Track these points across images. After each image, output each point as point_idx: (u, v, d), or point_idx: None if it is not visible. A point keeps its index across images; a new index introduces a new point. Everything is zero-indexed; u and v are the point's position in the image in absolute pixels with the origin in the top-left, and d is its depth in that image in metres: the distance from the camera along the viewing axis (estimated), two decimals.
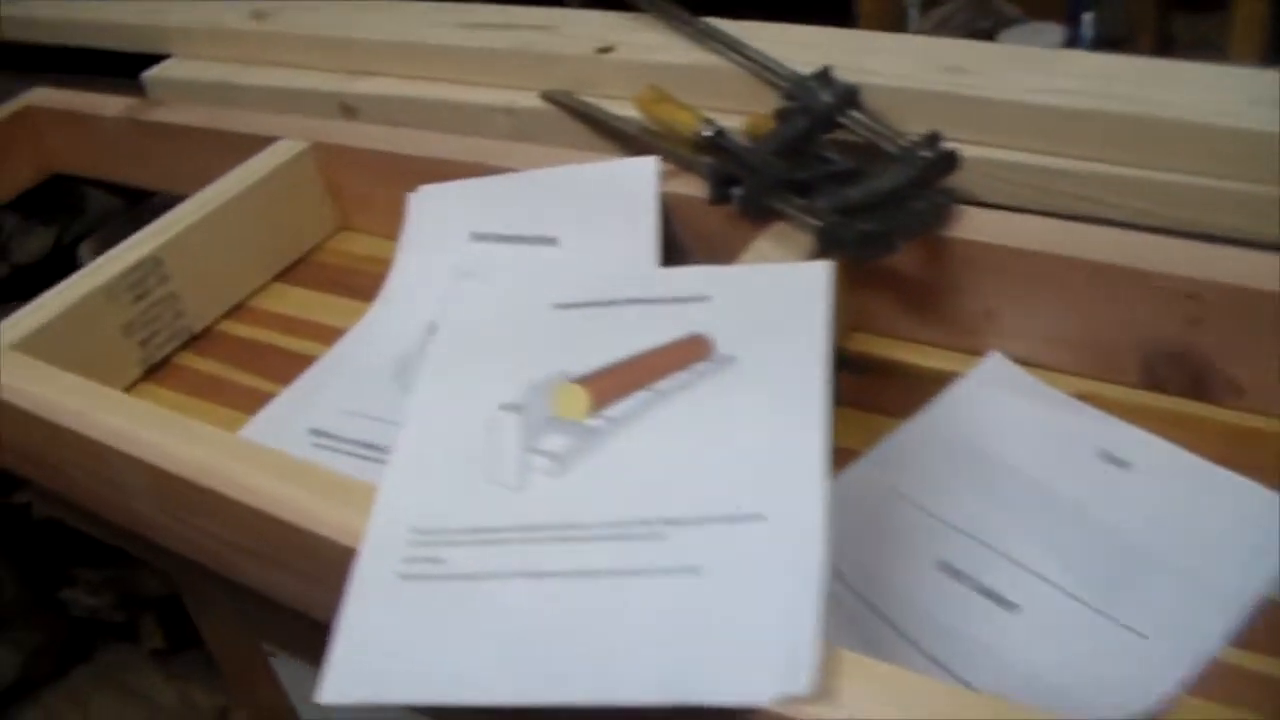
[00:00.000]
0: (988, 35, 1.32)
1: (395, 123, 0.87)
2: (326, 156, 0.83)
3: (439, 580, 0.46)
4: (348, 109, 0.91)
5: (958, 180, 0.66)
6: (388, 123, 0.88)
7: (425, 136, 0.81)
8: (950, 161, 0.66)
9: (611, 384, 0.53)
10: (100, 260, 0.75)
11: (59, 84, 1.06)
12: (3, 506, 1.32)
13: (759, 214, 0.66)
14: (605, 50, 0.80)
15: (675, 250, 0.70)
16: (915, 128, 0.67)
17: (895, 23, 1.39)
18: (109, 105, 0.97)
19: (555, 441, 0.51)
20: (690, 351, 0.54)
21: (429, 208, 0.76)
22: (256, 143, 0.85)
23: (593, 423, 0.51)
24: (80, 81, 1.06)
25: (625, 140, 0.78)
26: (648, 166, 0.69)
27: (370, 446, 0.64)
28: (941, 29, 1.33)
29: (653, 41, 0.81)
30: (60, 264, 1.51)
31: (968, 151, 0.66)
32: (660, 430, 0.50)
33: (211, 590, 0.76)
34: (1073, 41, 1.30)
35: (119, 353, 0.73)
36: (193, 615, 0.83)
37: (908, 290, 0.66)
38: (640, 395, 0.52)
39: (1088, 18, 1.30)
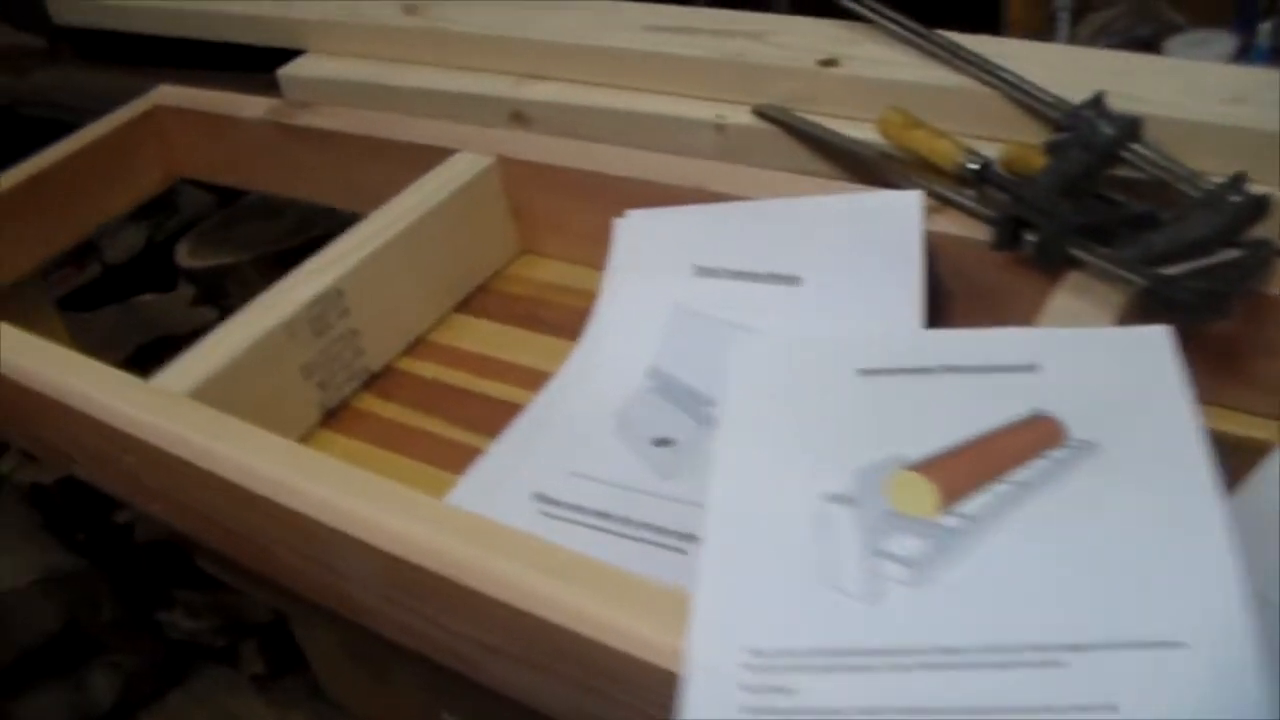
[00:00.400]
0: (1148, 43, 1.23)
1: (574, 133, 0.79)
2: (509, 172, 0.75)
3: (796, 716, 0.39)
4: (520, 117, 0.83)
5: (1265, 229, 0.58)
6: (565, 133, 0.79)
7: (624, 153, 0.72)
8: (1260, 207, 0.58)
9: (958, 474, 0.45)
10: (272, 292, 0.67)
11: (178, 80, 0.98)
12: (104, 526, 1.25)
13: (1054, 263, 0.58)
14: (829, 63, 0.72)
15: (934, 296, 0.62)
16: (1196, 164, 0.59)
17: (1045, 29, 1.30)
18: (247, 106, 0.89)
19: (904, 543, 0.43)
20: (1041, 435, 0.46)
21: (640, 235, 0.68)
22: (424, 154, 0.77)
23: (946, 521, 0.43)
24: (201, 78, 0.98)
25: (853, 165, 0.70)
26: (912, 202, 0.61)
27: (604, 516, 0.57)
28: (1100, 37, 1.24)
29: (880, 55, 0.72)
30: (154, 263, 1.43)
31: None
32: (1031, 533, 0.42)
33: (383, 652, 0.69)
34: (1245, 52, 1.21)
35: (297, 397, 0.66)
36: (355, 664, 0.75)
37: (1215, 350, 0.58)
38: (994, 488, 0.44)
39: (1265, 26, 1.20)
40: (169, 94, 0.95)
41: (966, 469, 0.45)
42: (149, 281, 1.38)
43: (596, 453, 0.60)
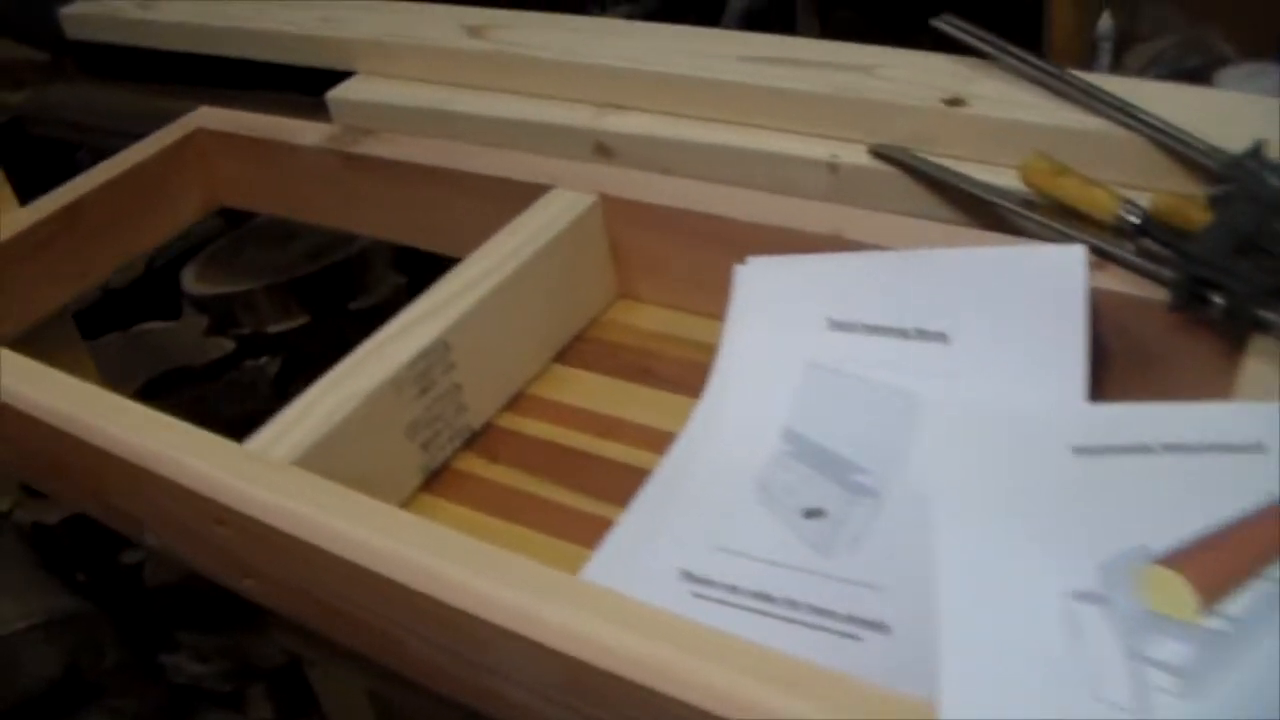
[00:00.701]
0: (1197, 75, 1.21)
1: (665, 169, 0.75)
2: (610, 211, 0.70)
3: None
4: (604, 150, 0.78)
5: None
6: (654, 168, 0.75)
7: (739, 194, 0.68)
8: None
9: (1215, 569, 0.41)
10: (368, 347, 0.61)
11: (197, 99, 0.93)
12: (110, 567, 1.18)
13: (1242, 327, 0.54)
14: (955, 102, 0.68)
15: (1093, 356, 0.58)
16: None
17: (1086, 59, 1.28)
18: (299, 132, 0.84)
19: (1169, 648, 0.39)
20: None
21: (766, 284, 0.64)
22: (510, 189, 0.72)
23: (1210, 623, 0.39)
24: (226, 98, 0.93)
25: (979, 211, 0.66)
26: (1076, 257, 0.57)
27: (765, 598, 0.52)
28: (1150, 68, 1.22)
29: (1006, 94, 0.68)
30: (157, 288, 1.36)
31: None
32: None
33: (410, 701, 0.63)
34: None
35: (400, 460, 0.61)
36: None
37: None
38: (1254, 585, 0.40)
39: None
40: (210, 117, 0.89)
41: (1222, 564, 0.41)
42: (151, 308, 1.31)
43: (741, 525, 0.56)
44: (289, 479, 0.53)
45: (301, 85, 0.93)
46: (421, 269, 1.32)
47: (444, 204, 0.76)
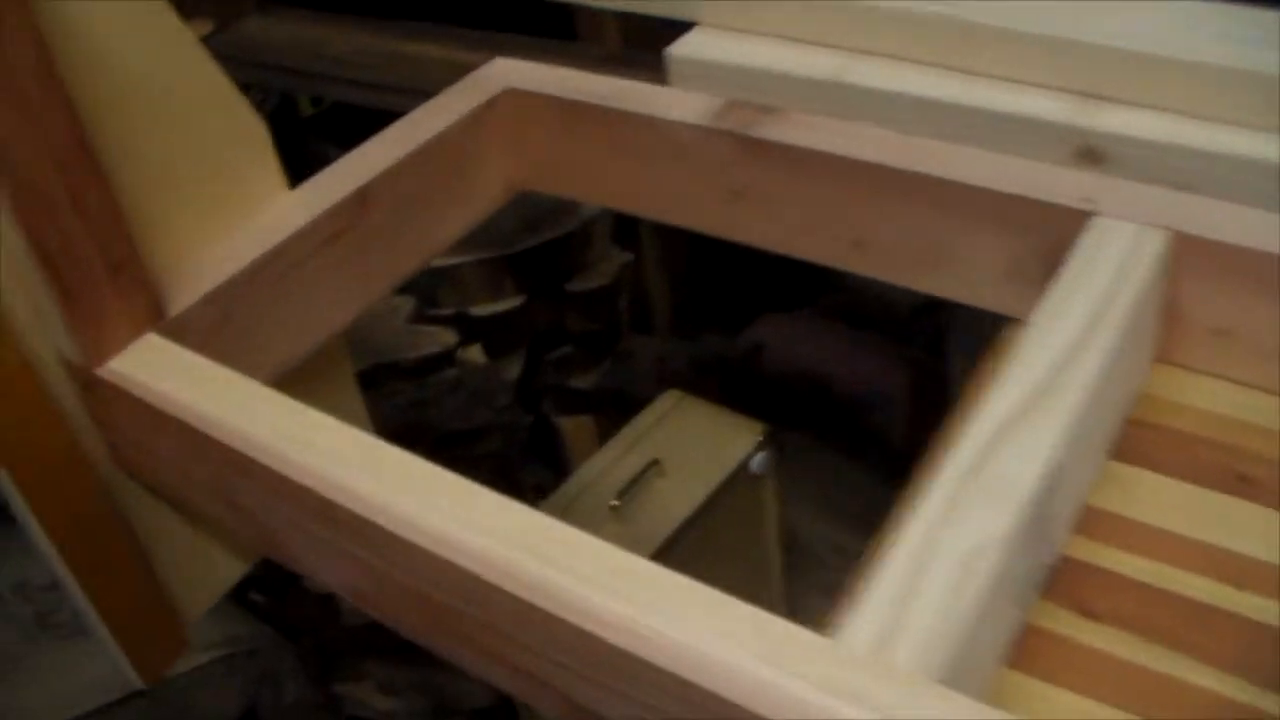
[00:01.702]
0: None
1: (1165, 181, 0.56)
2: (1177, 254, 0.52)
3: None
4: (1093, 155, 0.59)
5: None
6: (1150, 179, 0.56)
7: None
8: None
9: None
10: (952, 470, 0.43)
11: (492, 47, 0.73)
12: (295, 592, 1.01)
13: None
14: None
15: None
16: None
17: None
18: (661, 102, 0.65)
19: None
20: None
21: None
22: (1012, 208, 0.54)
23: None
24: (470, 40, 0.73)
25: None
26: None
27: None
28: None
29: None
30: None
31: None
32: None
33: None
34: None
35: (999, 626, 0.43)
36: None
37: None
38: None
39: None
40: (518, 73, 0.69)
41: None
42: None
43: None
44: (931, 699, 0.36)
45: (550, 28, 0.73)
46: (648, 245, 1.10)
47: (901, 220, 0.58)
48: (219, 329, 0.57)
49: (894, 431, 1.55)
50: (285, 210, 0.62)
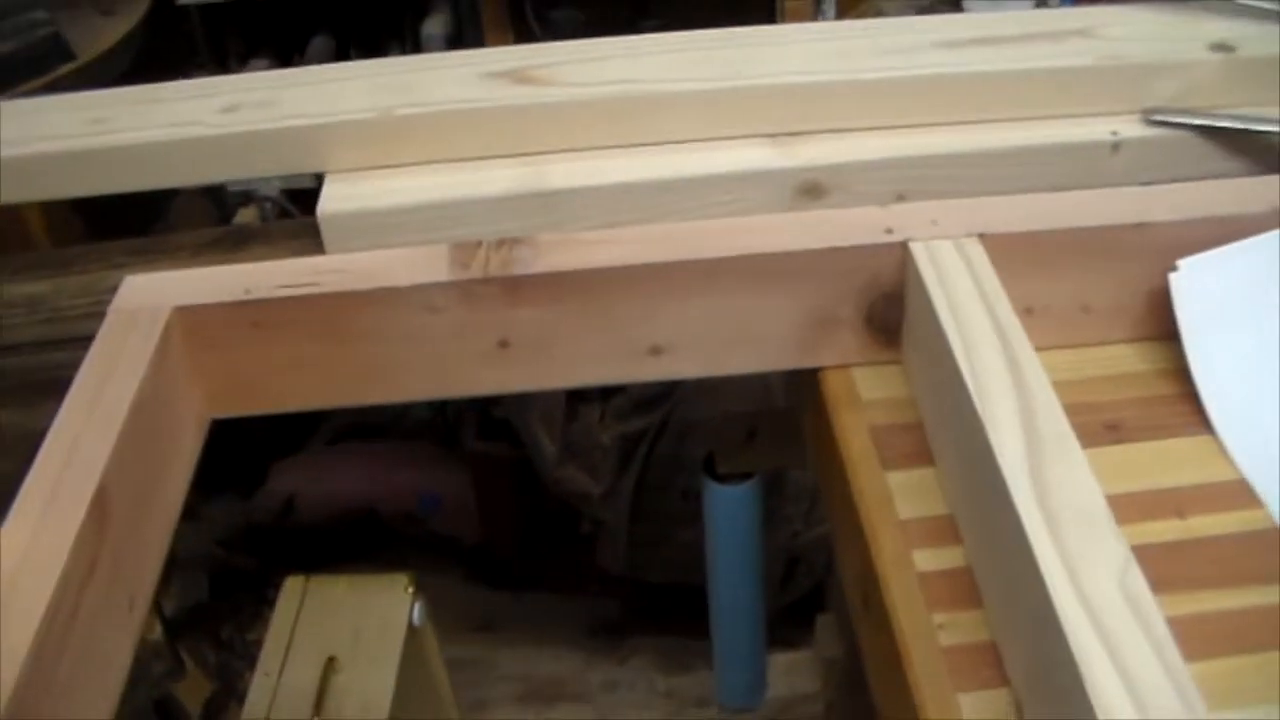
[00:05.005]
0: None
1: (887, 192, 0.61)
2: None
3: None
4: (815, 189, 0.61)
5: None
6: (872, 197, 0.60)
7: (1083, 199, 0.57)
8: None
9: None
10: None
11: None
12: None
13: None
14: (1222, 47, 0.63)
15: None
16: None
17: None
18: (378, 269, 0.55)
19: None
20: None
21: (1212, 284, 0.55)
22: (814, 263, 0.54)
23: None
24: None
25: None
26: None
27: None
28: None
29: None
30: None
31: None
32: None
33: None
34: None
35: None
36: None
37: None
38: None
39: None
40: (160, 287, 0.55)
41: None
42: None
43: None
44: None
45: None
46: None
47: (708, 308, 0.55)
48: None
49: (467, 528, 1.51)
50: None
